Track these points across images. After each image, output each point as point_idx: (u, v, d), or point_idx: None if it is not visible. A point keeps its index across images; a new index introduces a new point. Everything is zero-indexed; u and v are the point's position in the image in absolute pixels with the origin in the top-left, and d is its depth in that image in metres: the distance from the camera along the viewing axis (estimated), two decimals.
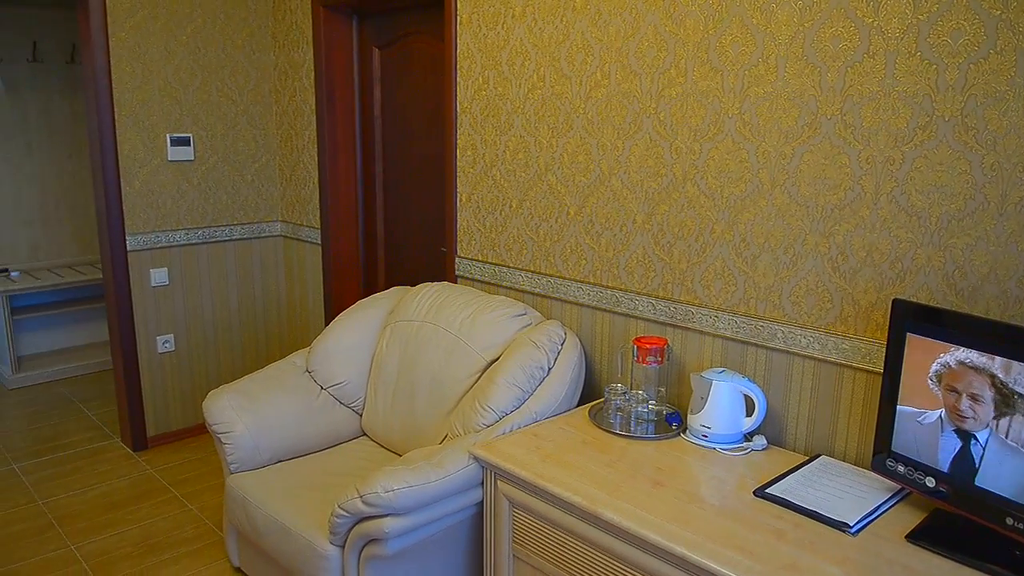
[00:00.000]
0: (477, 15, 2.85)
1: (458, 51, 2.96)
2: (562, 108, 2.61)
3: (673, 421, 2.26)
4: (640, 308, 2.48)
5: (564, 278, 2.71)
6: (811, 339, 2.07)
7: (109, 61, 3.52)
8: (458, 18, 2.94)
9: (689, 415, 2.20)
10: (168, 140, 3.76)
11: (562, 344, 2.51)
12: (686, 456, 2.10)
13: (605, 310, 2.60)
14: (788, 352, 2.13)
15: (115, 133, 3.58)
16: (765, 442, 2.14)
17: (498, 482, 2.11)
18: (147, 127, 3.69)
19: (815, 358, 2.08)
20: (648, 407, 2.31)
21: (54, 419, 4.34)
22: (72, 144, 5.22)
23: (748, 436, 2.18)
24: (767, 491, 1.87)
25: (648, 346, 2.29)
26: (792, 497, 1.83)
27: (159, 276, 3.82)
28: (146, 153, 3.70)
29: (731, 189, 2.18)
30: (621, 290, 2.53)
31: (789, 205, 2.07)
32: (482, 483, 2.20)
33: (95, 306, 5.32)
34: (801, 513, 1.78)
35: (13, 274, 4.99)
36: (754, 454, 2.11)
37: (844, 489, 1.87)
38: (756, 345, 2.20)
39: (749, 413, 2.15)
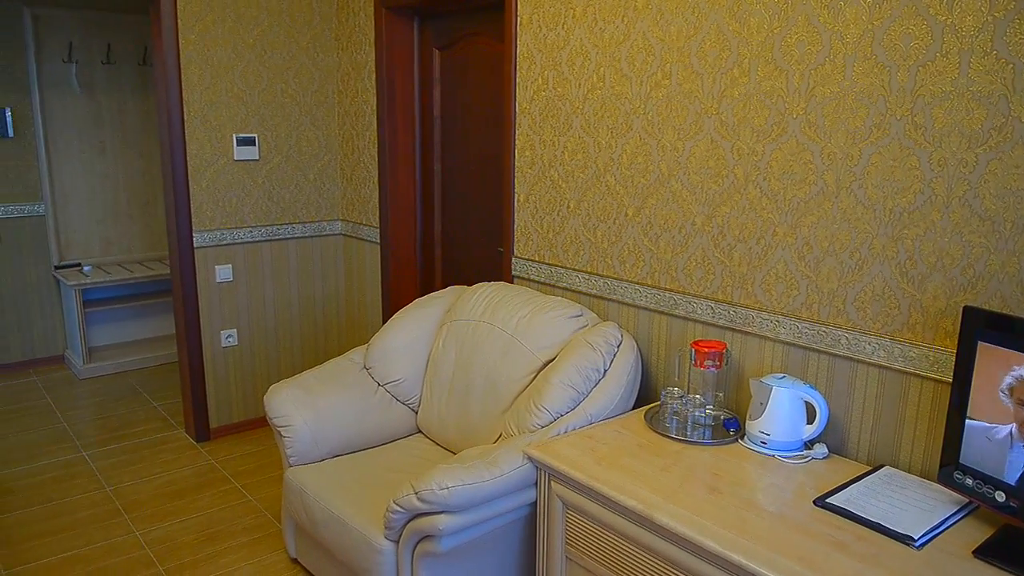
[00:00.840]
0: (537, 16, 2.86)
1: (518, 52, 2.97)
2: (622, 109, 2.59)
3: (731, 427, 2.23)
4: (698, 311, 2.44)
5: (621, 280, 2.70)
6: (876, 346, 2.01)
7: (179, 63, 3.63)
8: (518, 19, 2.94)
9: (748, 421, 2.17)
10: (234, 140, 3.86)
11: (618, 346, 2.49)
12: (744, 462, 2.06)
13: (663, 312, 2.57)
14: (852, 359, 2.08)
15: (184, 133, 3.69)
16: (826, 451, 2.09)
17: (552, 483, 2.10)
18: (214, 127, 3.79)
19: (880, 365, 2.02)
20: (705, 411, 2.28)
21: (122, 409, 4.50)
22: (143, 143, 5.40)
23: (808, 444, 2.13)
24: (828, 501, 1.83)
25: (706, 350, 2.26)
26: (854, 508, 1.79)
27: (224, 272, 3.93)
28: (213, 152, 3.81)
29: (795, 191, 2.14)
30: (679, 293, 2.50)
31: (855, 208, 2.01)
32: (536, 484, 2.20)
33: (162, 300, 5.50)
34: (863, 524, 1.73)
35: (85, 268, 5.18)
36: (814, 462, 2.06)
37: (909, 501, 1.82)
38: (818, 351, 2.15)
39: (810, 420, 2.11)
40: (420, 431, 2.99)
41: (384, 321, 4.02)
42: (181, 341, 3.95)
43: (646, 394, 2.66)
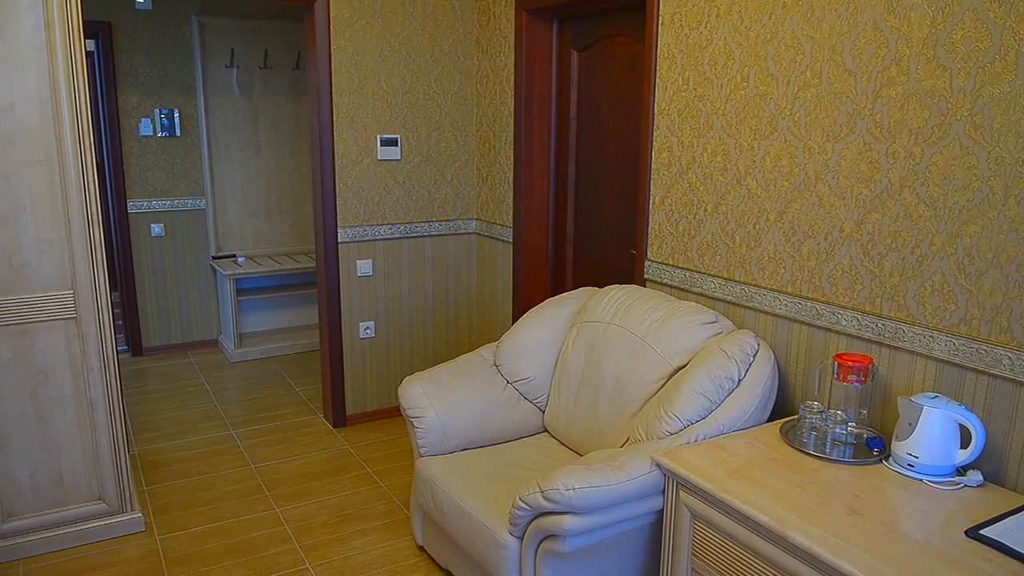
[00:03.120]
0: (679, 15, 2.81)
1: (658, 52, 2.93)
2: (766, 109, 2.51)
3: (874, 446, 2.11)
4: (843, 322, 2.33)
5: (759, 287, 2.61)
6: None
7: (330, 67, 3.81)
8: (659, 19, 2.90)
9: (893, 441, 2.04)
10: (378, 140, 4.02)
11: (754, 355, 2.41)
12: (887, 485, 1.95)
13: (803, 322, 2.47)
14: (1015, 381, 1.92)
15: (333, 134, 3.88)
16: (981, 478, 1.94)
17: (680, 492, 2.06)
18: (360, 128, 3.96)
19: None
20: (847, 429, 2.16)
21: (267, 392, 4.78)
22: (294, 143, 5.71)
23: (961, 470, 1.98)
24: (981, 532, 1.70)
25: (851, 364, 2.14)
26: (1011, 541, 1.65)
27: (364, 267, 4.10)
28: (358, 152, 3.98)
29: (955, 198, 2.00)
30: (822, 302, 2.39)
31: None
32: (663, 491, 2.16)
33: (306, 292, 5.80)
34: (1020, 561, 1.59)
35: (240, 259, 5.54)
36: (967, 490, 1.92)
37: None
38: (976, 370, 2.00)
39: (964, 445, 1.96)
40: (546, 430, 3.01)
41: (514, 320, 4.07)
42: (323, 331, 4.15)
43: (782, 407, 2.56)
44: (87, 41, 5.07)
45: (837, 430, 2.16)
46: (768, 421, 2.41)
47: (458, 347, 4.52)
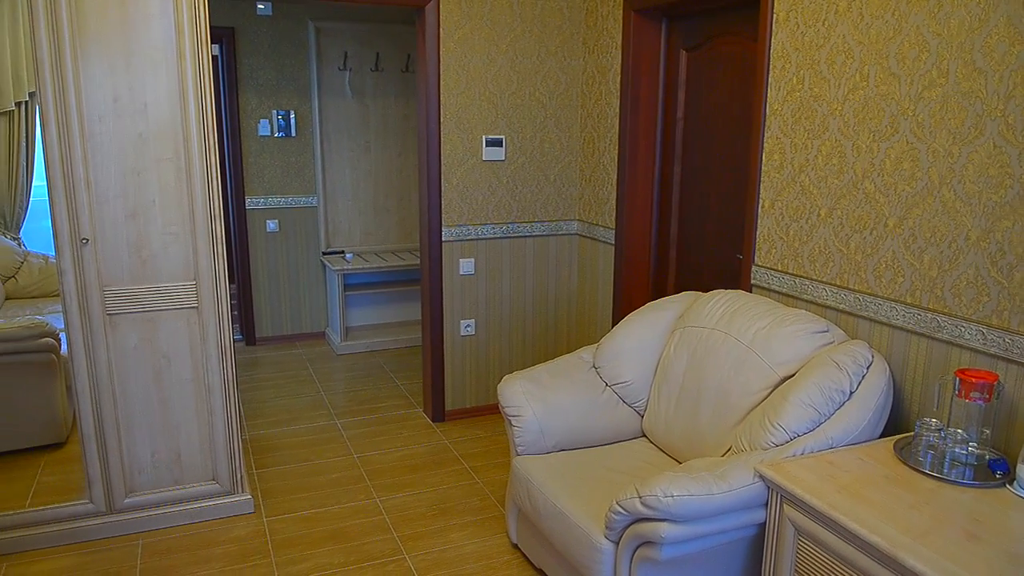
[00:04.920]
0: (795, 13, 2.71)
1: (771, 51, 2.84)
2: (887, 110, 2.39)
3: (997, 469, 1.98)
4: (966, 336, 2.19)
5: (875, 295, 2.49)
6: None
7: (439, 69, 3.88)
8: (774, 16, 2.82)
9: (1019, 464, 1.91)
10: (483, 141, 4.06)
11: (868, 367, 2.30)
12: (1011, 510, 1.82)
13: (922, 335, 2.34)
14: None
15: (440, 134, 3.95)
16: None
17: (784, 506, 1.99)
18: (467, 129, 4.02)
19: None
20: (968, 449, 2.04)
21: (370, 385, 4.92)
22: (402, 144, 5.85)
23: None
24: None
25: (974, 380, 2.02)
26: None
27: (467, 266, 4.16)
28: (464, 153, 4.04)
29: None
30: (944, 314, 2.26)
31: None
32: (766, 504, 2.10)
33: (409, 288, 5.93)
34: None
35: (348, 256, 5.72)
36: None
37: None
38: None
39: None
40: (644, 435, 2.97)
41: (614, 322, 4.03)
42: (426, 327, 4.24)
43: (896, 423, 2.44)
44: (212, 45, 5.35)
45: (956, 450, 2.04)
46: (881, 437, 2.30)
47: (557, 348, 4.52)
